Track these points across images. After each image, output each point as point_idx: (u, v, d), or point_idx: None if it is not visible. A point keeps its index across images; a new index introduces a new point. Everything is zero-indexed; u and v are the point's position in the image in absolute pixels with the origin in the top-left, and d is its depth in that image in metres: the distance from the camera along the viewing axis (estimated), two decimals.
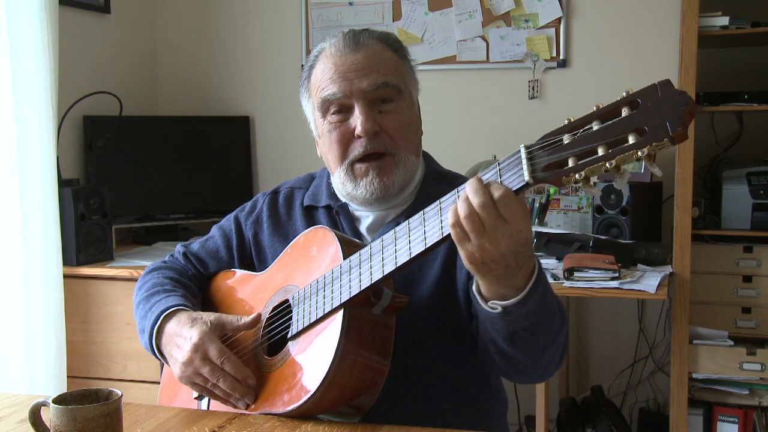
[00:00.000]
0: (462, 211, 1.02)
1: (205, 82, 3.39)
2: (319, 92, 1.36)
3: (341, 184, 1.38)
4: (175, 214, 3.13)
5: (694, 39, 2.43)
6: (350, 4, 3.16)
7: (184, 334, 1.29)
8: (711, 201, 2.70)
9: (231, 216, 1.57)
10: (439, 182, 1.42)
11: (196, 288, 1.52)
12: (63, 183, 2.60)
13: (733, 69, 2.82)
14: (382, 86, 1.33)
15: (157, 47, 3.42)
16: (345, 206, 1.43)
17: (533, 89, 2.99)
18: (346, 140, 1.34)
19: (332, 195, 1.45)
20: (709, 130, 2.82)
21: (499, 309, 1.10)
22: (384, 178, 1.34)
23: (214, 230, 1.59)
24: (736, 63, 2.83)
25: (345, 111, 1.34)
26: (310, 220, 1.46)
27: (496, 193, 1.01)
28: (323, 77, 1.35)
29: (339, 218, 1.43)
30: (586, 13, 2.95)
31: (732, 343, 2.53)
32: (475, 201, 1.01)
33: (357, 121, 1.32)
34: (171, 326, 1.34)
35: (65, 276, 2.56)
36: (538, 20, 2.97)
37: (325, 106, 1.36)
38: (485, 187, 1.02)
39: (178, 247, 1.60)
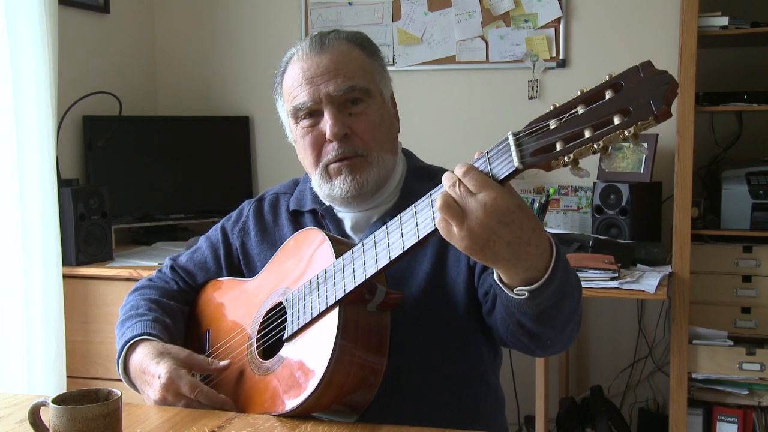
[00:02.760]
0: (437, 202, 1.03)
1: (205, 82, 3.39)
2: (291, 100, 1.38)
3: (318, 187, 1.40)
4: (175, 214, 3.13)
5: (694, 39, 2.43)
6: (350, 4, 3.16)
7: (151, 371, 1.29)
8: (710, 201, 2.70)
9: (217, 226, 1.58)
10: (422, 178, 1.43)
11: (180, 304, 1.52)
12: (62, 183, 2.60)
13: (732, 69, 2.82)
14: (349, 90, 1.34)
15: (156, 47, 3.42)
16: (330, 209, 1.44)
17: (533, 89, 2.99)
18: (318, 144, 1.36)
19: (316, 199, 1.46)
20: (709, 130, 2.82)
21: (526, 294, 1.08)
22: (357, 176, 1.35)
23: (202, 241, 1.59)
24: (736, 63, 2.83)
25: (316, 115, 1.36)
26: (297, 224, 1.47)
27: (459, 171, 1.02)
28: (293, 83, 1.37)
29: (325, 221, 1.44)
30: (585, 14, 2.95)
31: (731, 343, 2.53)
32: (446, 185, 1.02)
33: (326, 125, 1.33)
34: (136, 359, 1.34)
35: (65, 276, 2.56)
36: (538, 20, 2.97)
37: (295, 113, 1.38)
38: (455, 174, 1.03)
39: (167, 261, 1.61)
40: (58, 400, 1.02)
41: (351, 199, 1.38)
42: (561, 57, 2.96)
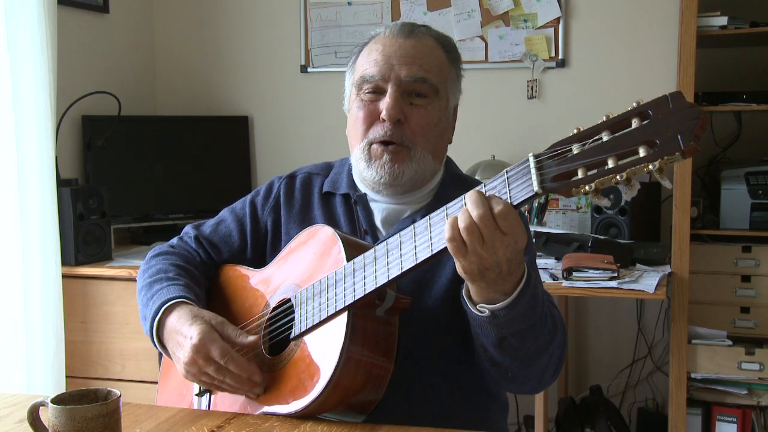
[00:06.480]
0: (461, 223, 1.03)
1: (204, 82, 3.39)
2: (361, 71, 1.38)
3: (357, 162, 1.39)
4: (174, 214, 3.13)
5: (693, 39, 2.43)
6: (349, 3, 3.16)
7: (184, 333, 1.26)
8: (710, 201, 2.70)
9: (246, 200, 1.54)
10: (457, 186, 1.43)
11: (203, 276, 1.48)
12: (61, 183, 2.60)
13: (731, 69, 2.82)
14: (420, 80, 1.35)
15: (155, 47, 3.42)
16: (363, 197, 1.43)
17: (532, 89, 2.99)
18: (371, 119, 1.36)
19: (352, 184, 1.45)
20: (708, 130, 2.82)
21: (487, 313, 1.10)
22: (396, 165, 1.35)
23: (226, 214, 1.55)
24: (735, 63, 2.83)
25: (378, 93, 1.36)
26: (327, 207, 1.46)
27: (496, 208, 1.02)
28: (369, 56, 1.38)
29: (356, 208, 1.43)
30: (584, 13, 2.95)
31: (730, 342, 2.53)
32: (475, 213, 1.02)
33: (384, 104, 1.34)
34: (172, 321, 1.31)
35: (64, 276, 2.56)
36: (537, 20, 2.97)
37: (361, 84, 1.38)
38: (486, 200, 1.02)
39: (189, 230, 1.56)
40: (57, 400, 1.02)
41: (383, 186, 1.38)
42: (560, 57, 2.96)
